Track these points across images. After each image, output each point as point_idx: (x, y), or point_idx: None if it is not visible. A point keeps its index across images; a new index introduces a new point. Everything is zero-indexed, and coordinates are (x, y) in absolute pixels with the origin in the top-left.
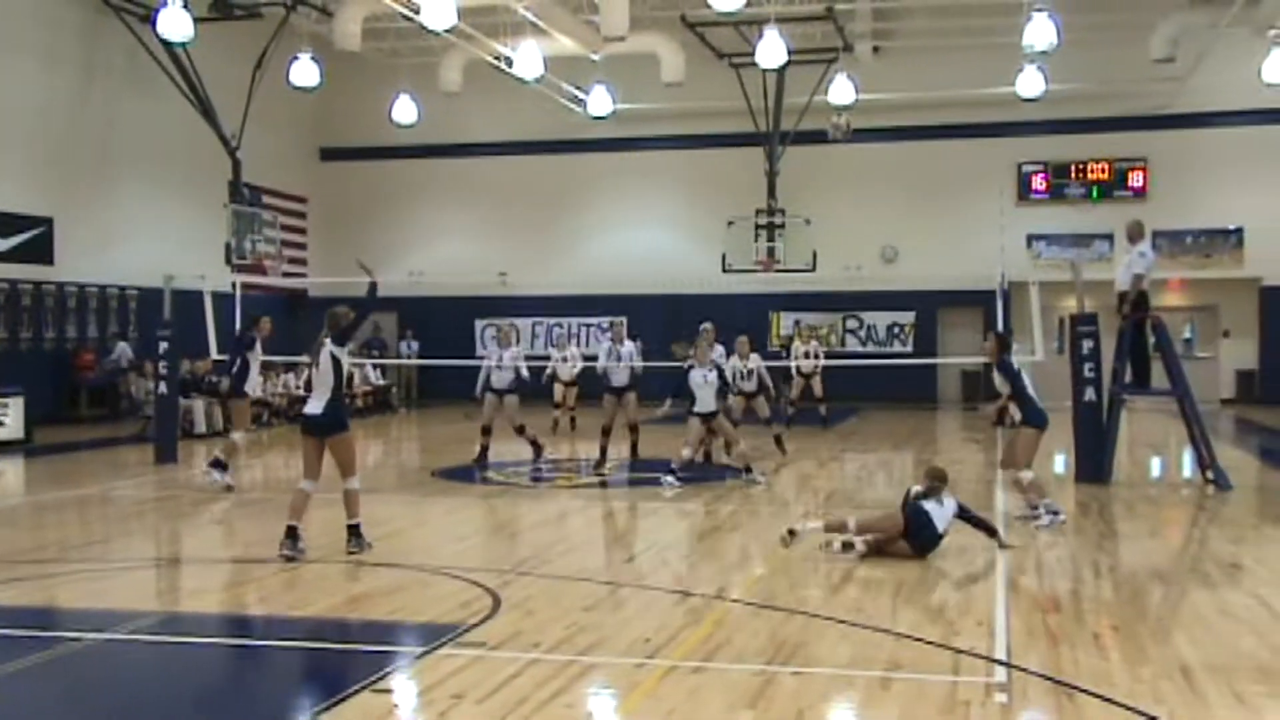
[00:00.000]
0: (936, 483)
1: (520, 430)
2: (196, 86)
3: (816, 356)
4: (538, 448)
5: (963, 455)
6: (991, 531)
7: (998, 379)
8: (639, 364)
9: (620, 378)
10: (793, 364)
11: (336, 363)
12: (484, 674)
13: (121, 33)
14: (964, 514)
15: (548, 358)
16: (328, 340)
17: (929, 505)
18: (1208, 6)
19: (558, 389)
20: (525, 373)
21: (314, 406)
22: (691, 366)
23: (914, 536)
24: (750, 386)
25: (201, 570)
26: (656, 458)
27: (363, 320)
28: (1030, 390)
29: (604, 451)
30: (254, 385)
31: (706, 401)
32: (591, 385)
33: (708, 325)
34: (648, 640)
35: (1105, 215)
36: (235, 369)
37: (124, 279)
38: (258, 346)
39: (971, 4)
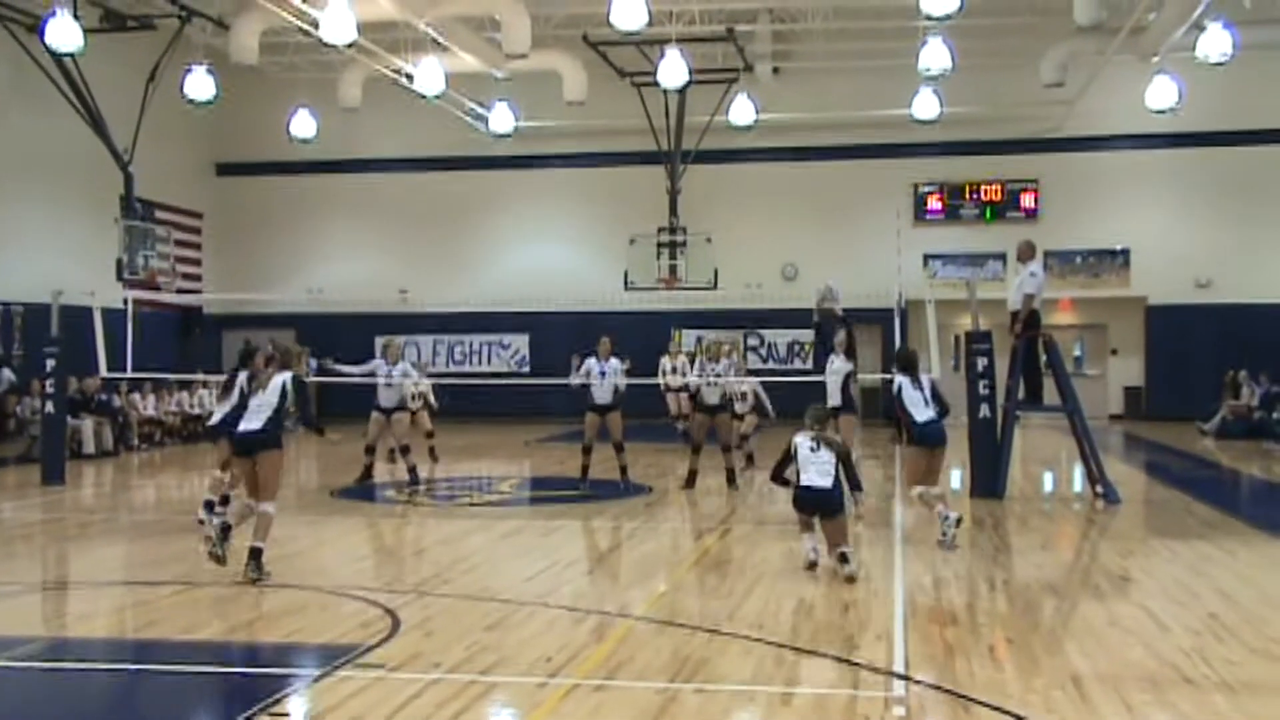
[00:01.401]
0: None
1: (403, 451)
2: (87, 99)
3: (684, 374)
4: (414, 475)
5: (862, 471)
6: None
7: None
8: (623, 382)
9: (604, 396)
10: (660, 380)
11: (285, 392)
12: (383, 696)
13: (7, 42)
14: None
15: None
16: (281, 370)
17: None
18: (1095, 34)
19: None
20: (419, 388)
21: (253, 424)
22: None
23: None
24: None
25: (90, 594)
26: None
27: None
28: (913, 408)
29: (586, 470)
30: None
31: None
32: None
33: (605, 339)
34: (549, 659)
35: (998, 235)
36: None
37: (9, 295)
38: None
39: (869, 27)
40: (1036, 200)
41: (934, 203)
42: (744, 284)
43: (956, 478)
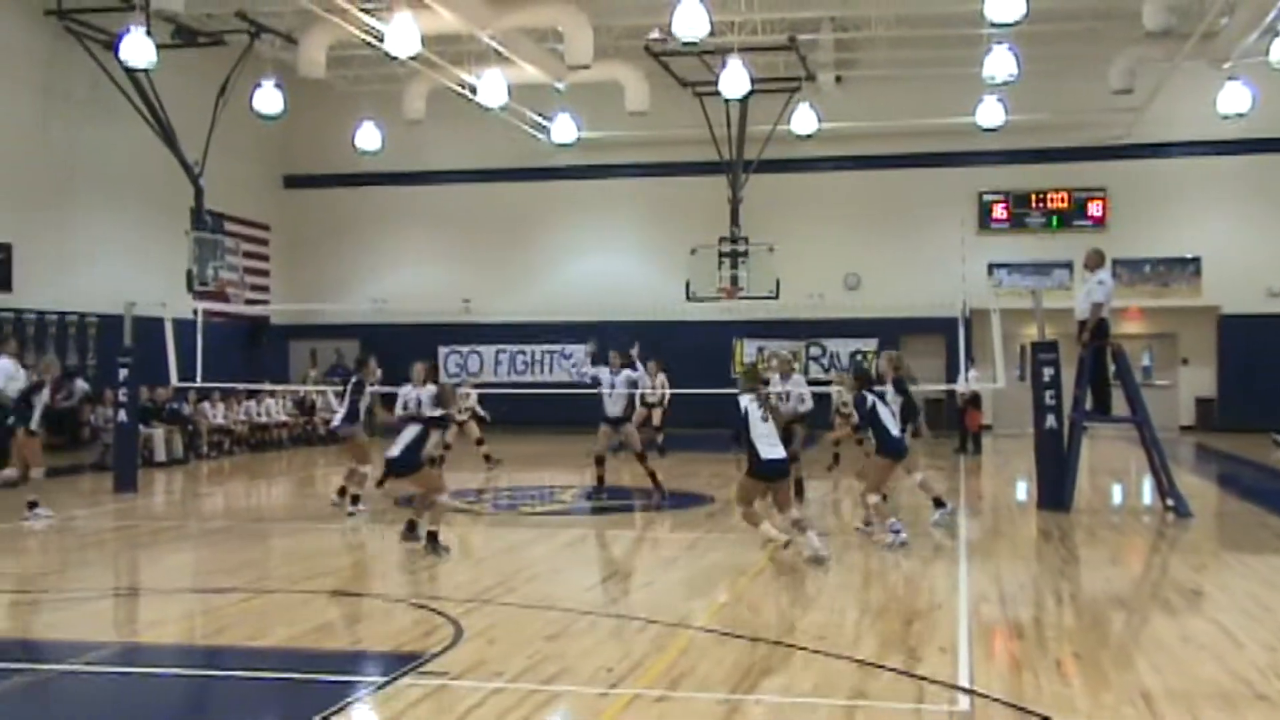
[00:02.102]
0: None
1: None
2: (159, 113)
3: (664, 387)
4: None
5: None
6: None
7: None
8: (667, 391)
9: (614, 408)
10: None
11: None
12: (446, 704)
13: (84, 59)
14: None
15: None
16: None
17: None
18: (1164, 40)
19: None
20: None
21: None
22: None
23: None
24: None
25: (160, 600)
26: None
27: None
28: (886, 422)
29: (601, 480)
30: (360, 425)
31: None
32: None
33: (615, 352)
34: (610, 669)
35: (1065, 244)
36: (346, 411)
37: (84, 306)
38: (366, 389)
39: (933, 35)
40: (1104, 208)
41: (999, 211)
42: (806, 294)
43: (1022, 489)
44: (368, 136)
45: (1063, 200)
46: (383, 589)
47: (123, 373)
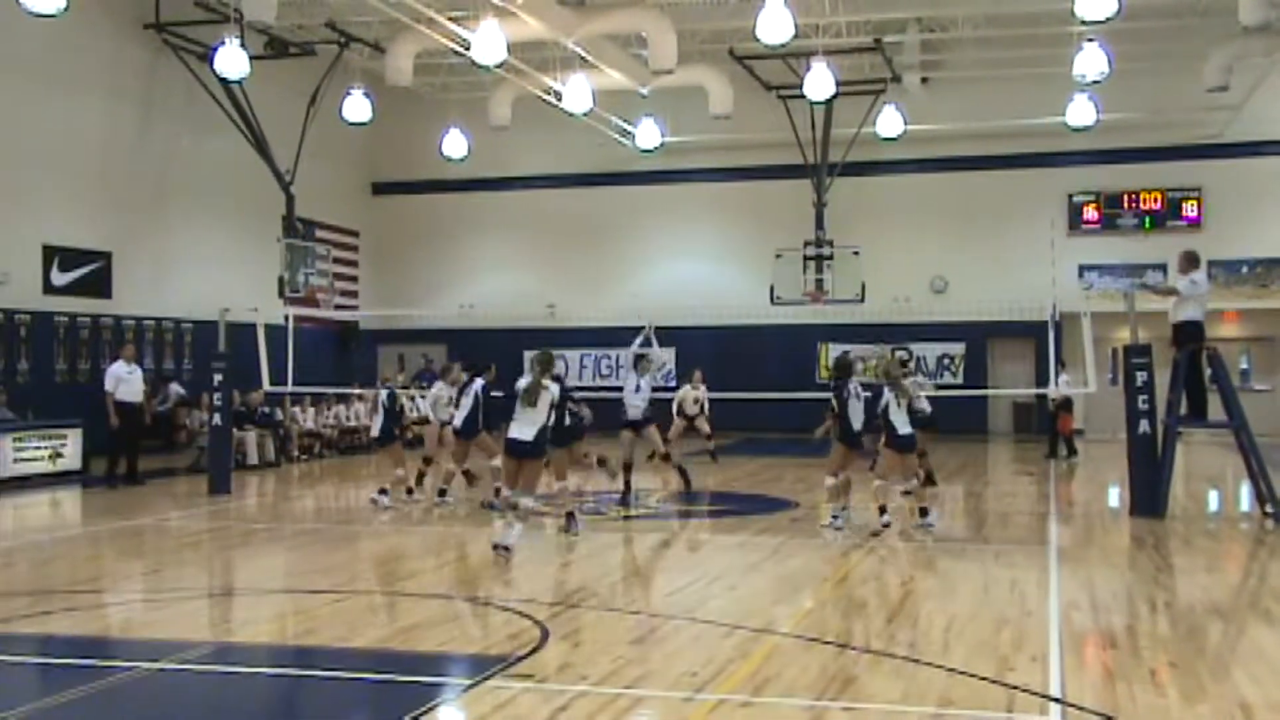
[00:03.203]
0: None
1: (426, 462)
2: (252, 122)
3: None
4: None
5: (1014, 488)
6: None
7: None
8: (705, 398)
9: (635, 411)
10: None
11: (552, 403)
12: (532, 707)
13: (180, 70)
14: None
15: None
16: (547, 381)
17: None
18: (1262, 35)
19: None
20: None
21: (525, 433)
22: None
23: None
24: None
25: (253, 600)
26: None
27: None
28: (850, 414)
29: (629, 486)
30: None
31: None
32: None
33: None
34: (695, 674)
35: (1159, 245)
36: (469, 413)
37: (179, 312)
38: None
39: (1021, 35)
40: (1200, 209)
41: (1090, 212)
42: (891, 297)
43: (1115, 495)
44: (454, 143)
45: (1156, 201)
46: (469, 592)
47: (217, 377)
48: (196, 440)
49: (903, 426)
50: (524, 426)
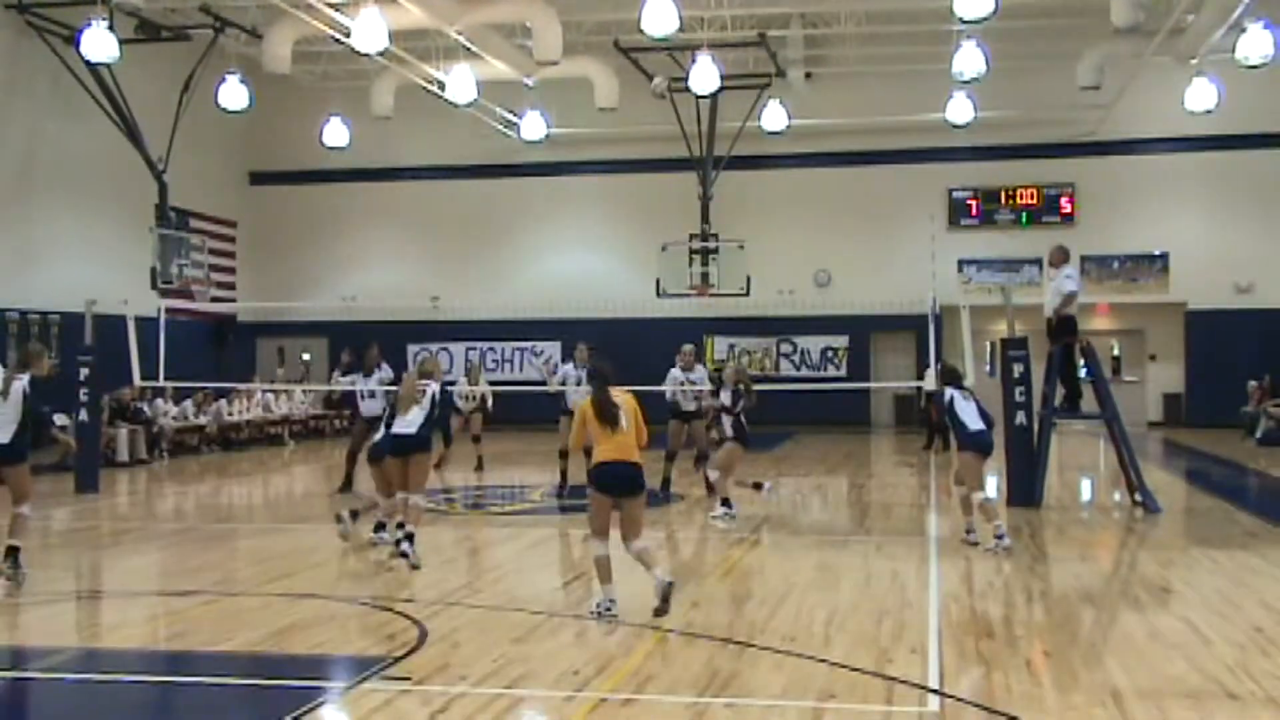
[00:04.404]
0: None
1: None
2: (122, 108)
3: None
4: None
5: (896, 479)
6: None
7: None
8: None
9: (689, 404)
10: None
11: (433, 398)
12: (409, 708)
13: (44, 53)
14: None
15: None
16: (424, 382)
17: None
18: (1132, 36)
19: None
20: (477, 390)
21: (407, 428)
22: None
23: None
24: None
25: (121, 603)
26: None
27: None
28: (966, 417)
29: (668, 479)
30: None
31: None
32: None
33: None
34: (577, 672)
35: (1034, 240)
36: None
37: (45, 303)
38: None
39: (902, 31)
40: (1073, 205)
41: (969, 208)
42: (777, 290)
43: (992, 486)
44: (335, 133)
45: (1032, 196)
46: (346, 591)
47: (83, 372)
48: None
49: (974, 423)
50: (407, 424)
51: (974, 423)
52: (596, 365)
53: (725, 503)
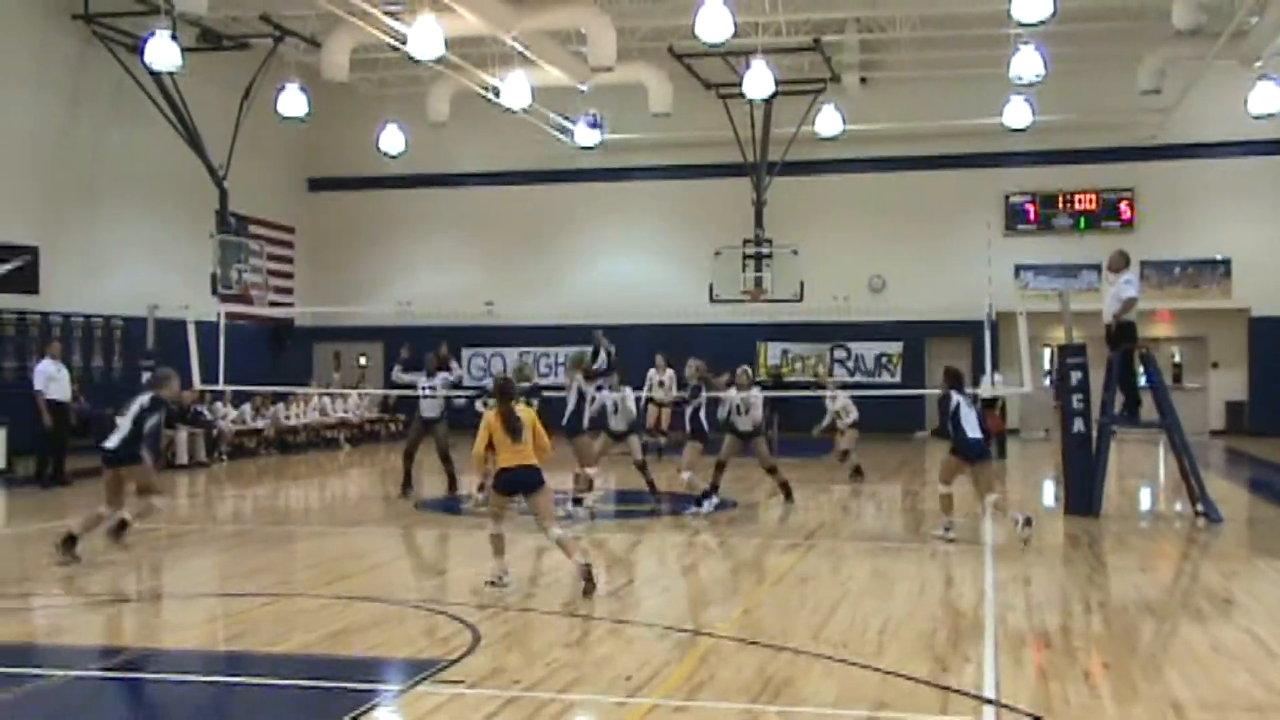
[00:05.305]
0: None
1: (444, 458)
2: (184, 116)
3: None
4: (453, 481)
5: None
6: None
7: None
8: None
9: (746, 423)
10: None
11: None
12: (461, 712)
13: (109, 62)
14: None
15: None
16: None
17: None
18: (1194, 39)
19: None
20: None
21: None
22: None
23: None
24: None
25: (181, 604)
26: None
27: None
28: (967, 424)
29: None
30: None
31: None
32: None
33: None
34: (629, 678)
35: (1093, 246)
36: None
37: (109, 308)
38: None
39: (958, 35)
40: (1133, 209)
41: (1026, 213)
42: (830, 296)
43: (1050, 494)
44: (391, 139)
45: (1090, 201)
46: (402, 594)
47: (145, 375)
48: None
49: (974, 430)
50: (975, 427)
51: (973, 430)
52: (501, 380)
53: (706, 495)
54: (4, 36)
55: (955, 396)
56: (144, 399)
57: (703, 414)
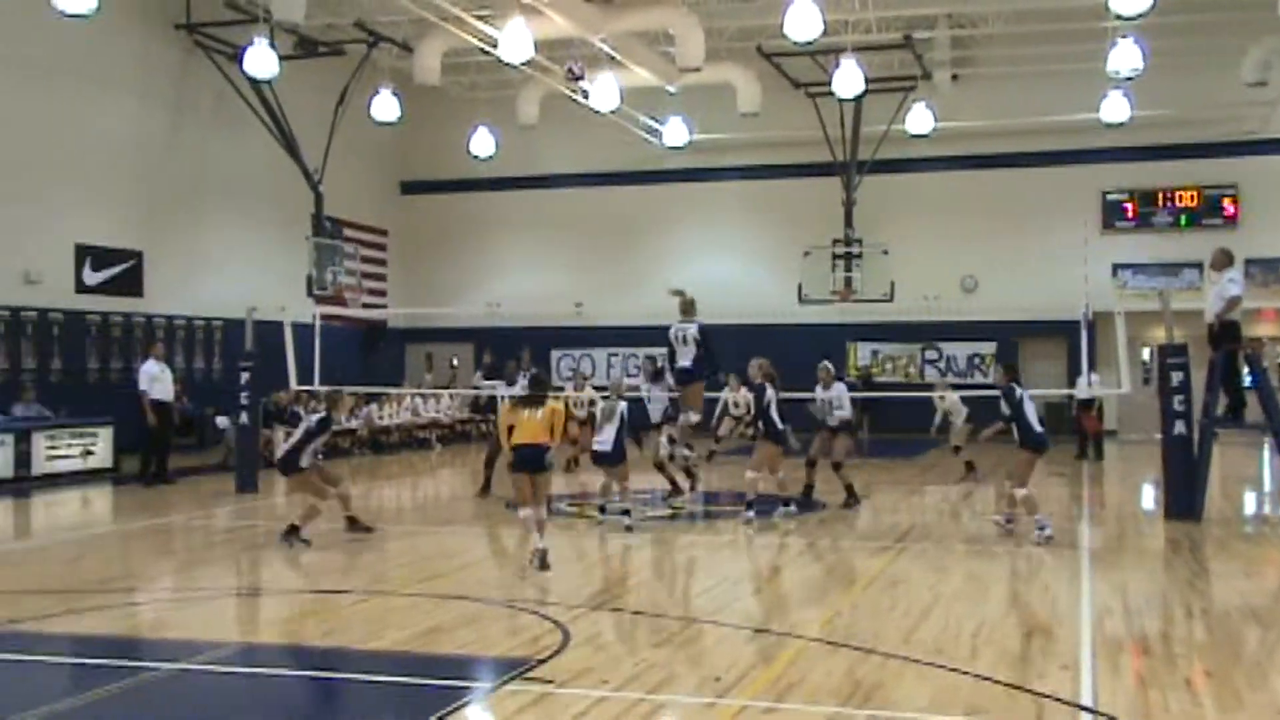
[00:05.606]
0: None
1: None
2: (281, 122)
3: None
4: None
5: (1046, 490)
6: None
7: (1002, 404)
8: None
9: (833, 420)
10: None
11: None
12: (550, 712)
13: (210, 70)
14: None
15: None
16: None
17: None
18: None
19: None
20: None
21: (603, 445)
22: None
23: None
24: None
25: (277, 600)
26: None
27: None
28: (1031, 417)
29: (811, 486)
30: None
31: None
32: None
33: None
34: (718, 679)
35: (1194, 243)
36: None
37: (210, 311)
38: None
39: (1053, 30)
40: (1236, 206)
41: (1124, 210)
42: (921, 296)
43: (1150, 497)
44: (482, 142)
45: (1192, 198)
46: (492, 593)
47: (244, 376)
48: (224, 438)
49: (1038, 424)
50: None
51: (1038, 424)
52: (533, 377)
53: (750, 505)
54: (110, 48)
55: (1019, 390)
56: (312, 421)
57: (773, 413)
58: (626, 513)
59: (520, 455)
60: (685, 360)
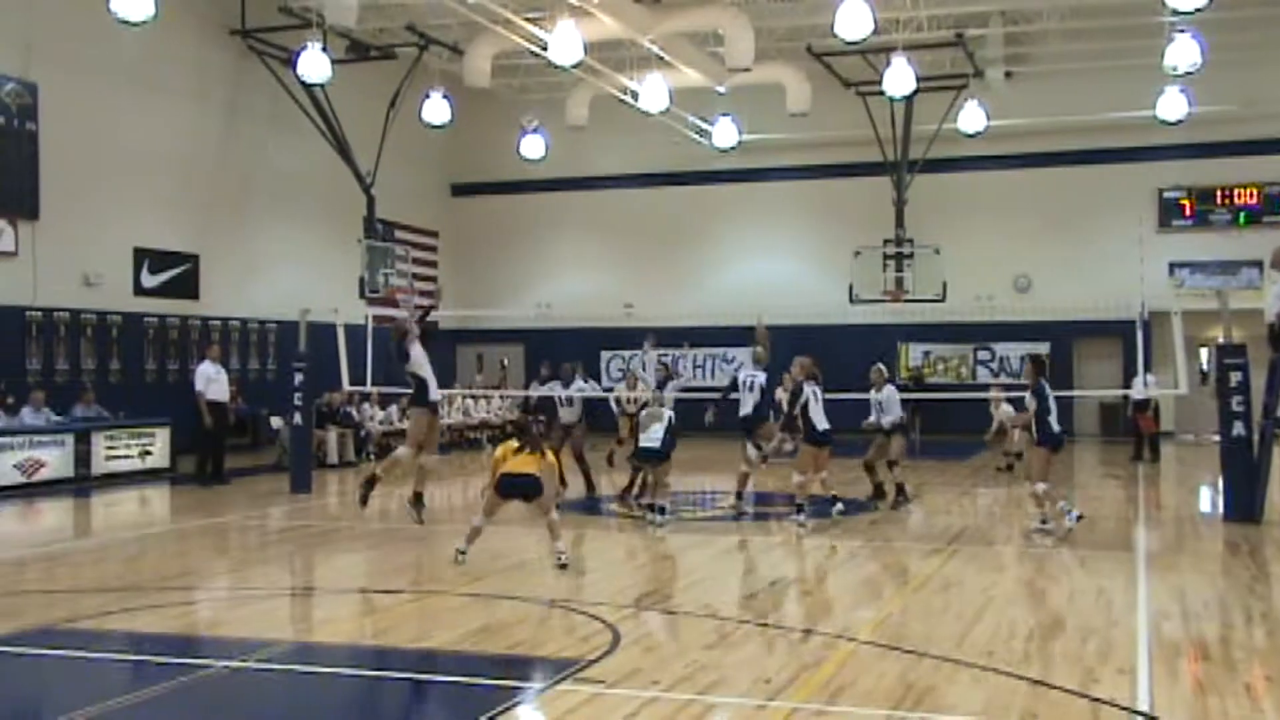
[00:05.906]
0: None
1: (579, 458)
2: (334, 125)
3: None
4: (590, 482)
5: (1101, 491)
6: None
7: (1029, 400)
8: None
9: (885, 421)
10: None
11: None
12: (600, 712)
13: (264, 75)
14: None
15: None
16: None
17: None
18: None
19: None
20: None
21: (651, 441)
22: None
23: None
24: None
25: (330, 599)
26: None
27: None
28: (1053, 415)
29: (879, 488)
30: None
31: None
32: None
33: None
34: (769, 681)
35: (1253, 242)
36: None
37: (264, 313)
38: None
39: (1108, 26)
40: None
41: (1181, 208)
42: (974, 296)
43: (1207, 499)
44: (532, 144)
45: (1251, 196)
46: (542, 593)
47: (298, 377)
48: (279, 439)
49: (1058, 421)
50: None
51: (1058, 421)
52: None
53: (800, 508)
54: (167, 53)
55: (1047, 387)
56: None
57: (813, 414)
58: (662, 510)
59: (509, 481)
60: (747, 408)
